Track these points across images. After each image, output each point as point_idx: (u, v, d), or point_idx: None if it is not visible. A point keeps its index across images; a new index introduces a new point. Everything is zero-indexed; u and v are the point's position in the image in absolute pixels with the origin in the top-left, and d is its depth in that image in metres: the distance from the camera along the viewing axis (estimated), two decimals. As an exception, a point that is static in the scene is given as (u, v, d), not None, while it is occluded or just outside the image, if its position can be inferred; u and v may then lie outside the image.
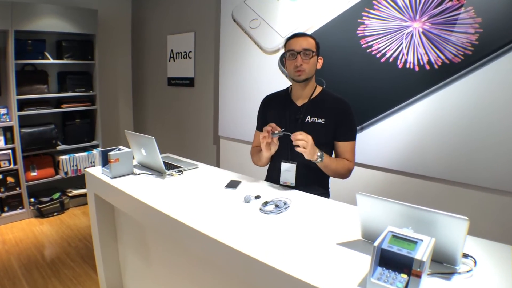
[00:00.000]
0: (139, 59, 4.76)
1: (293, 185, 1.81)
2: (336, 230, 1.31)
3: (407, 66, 2.20)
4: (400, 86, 2.24)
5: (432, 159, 2.17)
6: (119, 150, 1.95)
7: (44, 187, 4.01)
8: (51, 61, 3.84)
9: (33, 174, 3.84)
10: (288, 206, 1.51)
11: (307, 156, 1.63)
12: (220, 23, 3.33)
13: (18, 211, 3.77)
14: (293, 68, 1.76)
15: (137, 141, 2.01)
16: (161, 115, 4.53)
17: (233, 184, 1.80)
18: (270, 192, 1.73)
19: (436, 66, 2.09)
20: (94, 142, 4.25)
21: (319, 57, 1.81)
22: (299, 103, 1.86)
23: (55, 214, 3.92)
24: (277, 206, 1.49)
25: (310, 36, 1.80)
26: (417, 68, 2.16)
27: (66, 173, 3.99)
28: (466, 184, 2.07)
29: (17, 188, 3.72)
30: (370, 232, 1.18)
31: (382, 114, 2.33)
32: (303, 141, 1.59)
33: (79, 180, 4.02)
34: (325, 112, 1.79)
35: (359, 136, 2.42)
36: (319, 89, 1.88)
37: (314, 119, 1.80)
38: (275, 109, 1.93)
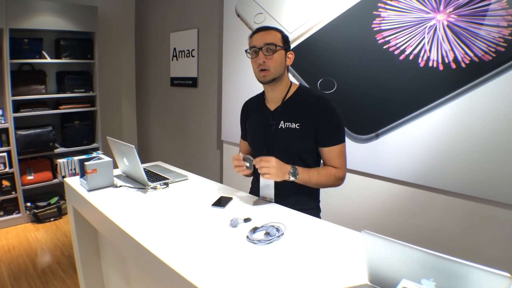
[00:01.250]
0: (142, 58, 4.58)
1: (273, 201, 1.60)
2: (337, 268, 1.05)
3: (430, 64, 1.93)
4: (422, 87, 1.97)
5: (457, 172, 1.89)
6: (98, 159, 1.73)
7: (41, 191, 3.86)
8: (48, 60, 3.69)
9: (30, 177, 3.70)
10: (282, 234, 1.25)
11: (276, 179, 1.46)
12: (224, 18, 3.10)
13: (14, 215, 3.64)
14: (257, 67, 1.55)
15: (118, 149, 1.79)
16: (164, 117, 4.34)
17: (222, 202, 1.56)
18: (263, 213, 1.47)
19: (463, 65, 1.82)
20: (94, 145, 4.09)
21: (289, 52, 1.59)
22: (272, 106, 1.65)
23: (52, 219, 3.77)
24: (267, 233, 1.24)
25: (275, 29, 1.58)
26: (441, 67, 1.89)
27: (64, 177, 3.82)
28: (497, 202, 1.78)
29: (13, 192, 3.58)
30: (378, 278, 0.92)
31: (401, 119, 2.06)
32: (265, 168, 1.42)
33: (77, 185, 3.84)
34: (300, 115, 1.56)
35: (373, 144, 2.18)
36: (294, 87, 1.64)
37: (288, 124, 1.57)
38: (251, 115, 1.74)
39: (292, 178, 1.47)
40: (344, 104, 2.21)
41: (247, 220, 1.36)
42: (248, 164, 1.51)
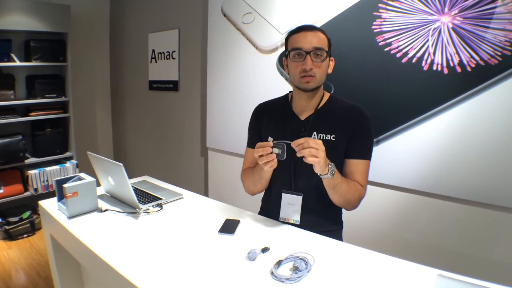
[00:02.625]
0: (118, 60, 4.34)
1: (298, 223, 1.42)
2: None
3: (434, 68, 1.85)
4: (425, 91, 1.88)
5: (462, 178, 1.83)
6: (79, 179, 1.53)
7: (12, 206, 3.56)
8: (17, 63, 3.40)
9: (-1, 191, 3.41)
10: (311, 268, 1.09)
11: (318, 170, 1.24)
12: (208, 18, 2.93)
13: (-17, 233, 3.35)
14: (299, 72, 1.34)
15: (102, 166, 1.59)
16: (143, 123, 4.12)
17: (229, 227, 1.39)
18: (281, 239, 1.31)
19: (469, 69, 1.76)
20: (67, 154, 3.81)
21: (330, 58, 1.41)
22: (303, 116, 1.46)
23: (25, 236, 3.49)
24: (296, 268, 1.08)
25: (321, 30, 1.38)
26: (446, 71, 1.81)
27: (36, 189, 3.55)
28: (504, 207, 1.73)
29: (-19, 208, 3.30)
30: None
31: (403, 125, 1.98)
32: (313, 149, 1.19)
33: (51, 197, 3.58)
34: (335, 126, 1.40)
35: (374, 150, 2.06)
36: (326, 96, 1.48)
37: (322, 135, 1.40)
38: (272, 122, 1.53)
39: (329, 175, 1.26)
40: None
41: (265, 250, 1.20)
42: (279, 152, 1.22)
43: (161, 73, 3.67)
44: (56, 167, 3.69)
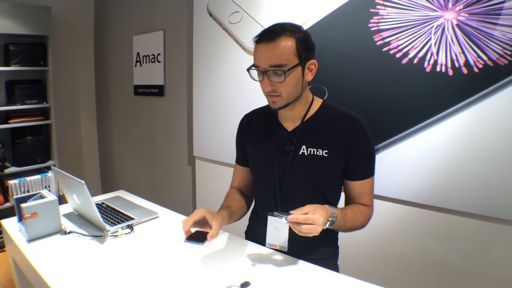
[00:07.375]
0: (102, 64, 4.16)
1: (286, 250, 1.24)
2: None
3: (438, 69, 1.70)
4: (428, 95, 1.74)
5: (469, 190, 1.68)
6: (41, 197, 1.35)
7: (-9, 217, 3.37)
8: (-5, 68, 3.24)
9: (-23, 202, 3.23)
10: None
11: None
12: (193, 18, 2.77)
13: (-39, 247, 3.17)
14: (264, 92, 1.19)
15: (66, 183, 1.42)
16: (128, 130, 3.94)
17: (198, 237, 1.25)
18: (265, 271, 1.13)
19: (476, 69, 1.61)
20: (49, 163, 3.63)
21: (308, 63, 1.17)
22: (289, 126, 1.28)
23: (5, 249, 3.30)
24: None
25: (287, 33, 1.12)
26: (450, 72, 1.67)
27: (16, 200, 3.36)
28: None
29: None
30: None
31: (404, 132, 1.83)
32: (309, 228, 1.06)
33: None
34: (328, 139, 1.21)
35: (372, 160, 1.91)
36: (317, 103, 1.28)
37: (312, 150, 1.21)
38: (257, 135, 1.36)
39: (326, 227, 1.12)
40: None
41: (245, 285, 1.03)
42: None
43: (146, 77, 3.51)
44: (38, 176, 3.51)
